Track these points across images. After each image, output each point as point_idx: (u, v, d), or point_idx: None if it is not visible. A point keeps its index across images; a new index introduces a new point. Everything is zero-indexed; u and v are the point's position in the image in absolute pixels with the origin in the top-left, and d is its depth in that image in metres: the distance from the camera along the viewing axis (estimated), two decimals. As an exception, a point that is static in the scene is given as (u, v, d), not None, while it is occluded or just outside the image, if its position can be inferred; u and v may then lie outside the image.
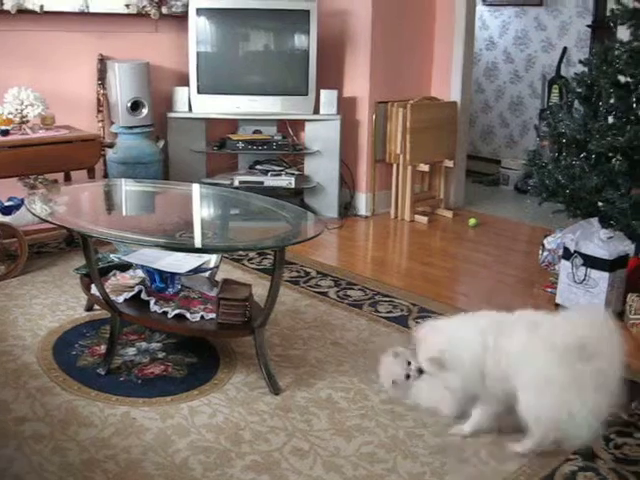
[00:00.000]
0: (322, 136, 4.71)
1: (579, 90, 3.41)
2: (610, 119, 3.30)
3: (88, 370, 2.60)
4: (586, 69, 3.40)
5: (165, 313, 2.60)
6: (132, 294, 2.69)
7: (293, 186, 4.61)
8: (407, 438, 2.24)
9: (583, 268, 3.20)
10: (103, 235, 2.55)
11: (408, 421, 2.33)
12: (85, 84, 4.42)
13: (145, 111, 4.38)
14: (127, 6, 4.41)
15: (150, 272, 2.76)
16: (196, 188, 3.41)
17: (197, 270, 2.80)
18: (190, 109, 4.64)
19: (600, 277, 3.14)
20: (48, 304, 3.19)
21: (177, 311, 2.60)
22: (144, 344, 2.81)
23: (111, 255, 3.09)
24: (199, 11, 4.49)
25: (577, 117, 3.36)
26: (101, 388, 2.47)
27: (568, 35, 5.87)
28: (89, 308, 3.10)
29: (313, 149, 4.76)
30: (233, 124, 4.87)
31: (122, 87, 4.28)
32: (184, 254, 2.82)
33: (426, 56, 5.05)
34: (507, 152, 6.39)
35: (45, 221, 2.73)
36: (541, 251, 3.75)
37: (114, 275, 2.87)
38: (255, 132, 4.83)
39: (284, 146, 4.71)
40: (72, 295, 3.27)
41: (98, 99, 4.45)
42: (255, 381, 2.55)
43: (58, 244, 3.99)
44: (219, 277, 2.93)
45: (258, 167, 4.77)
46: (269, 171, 4.69)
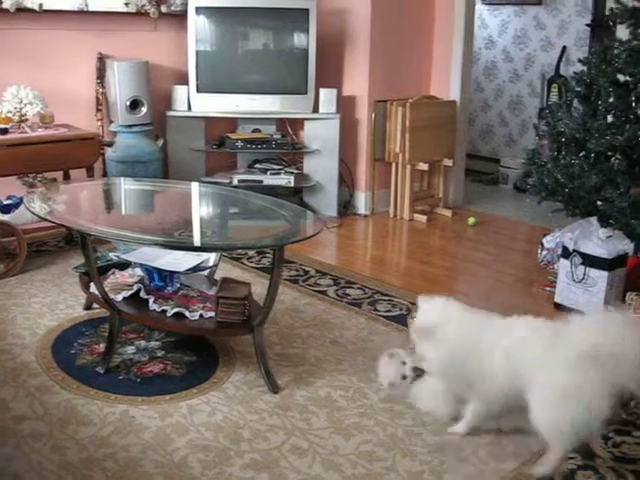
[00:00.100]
0: (321, 135, 4.71)
1: (578, 89, 3.41)
2: (609, 118, 3.30)
3: (87, 369, 2.60)
4: (585, 68, 3.40)
5: (164, 311, 2.60)
6: (131, 293, 2.69)
7: (292, 185, 4.61)
8: (406, 437, 2.24)
9: (582, 267, 3.20)
10: (102, 234, 2.56)
11: (407, 420, 2.33)
12: (84, 83, 4.42)
13: (144, 110, 4.38)
14: (126, 5, 4.41)
15: (149, 271, 2.76)
16: (195, 187, 3.41)
17: (196, 269, 2.80)
18: (189, 108, 4.63)
19: (599, 276, 3.14)
20: (47, 303, 3.19)
21: (176, 310, 2.60)
22: (143, 343, 2.81)
23: (110, 254, 3.08)
24: (198, 10, 4.49)
25: (576, 116, 3.36)
26: (100, 387, 2.47)
27: (567, 34, 5.87)
28: (88, 307, 3.10)
29: (312, 148, 4.75)
30: (232, 123, 4.87)
31: (121, 86, 4.28)
32: (183, 252, 2.82)
33: (425, 55, 5.05)
34: (506, 151, 6.39)
35: (44, 220, 2.73)
36: (540, 250, 3.75)
37: (113, 274, 2.87)
38: (254, 131, 4.83)
39: (283, 145, 4.70)
40: (71, 294, 3.27)
41: (97, 98, 4.45)
42: (254, 380, 2.55)
43: (57, 243, 3.99)
44: (218, 276, 2.93)
45: (257, 166, 4.77)
46: (268, 170, 4.69)
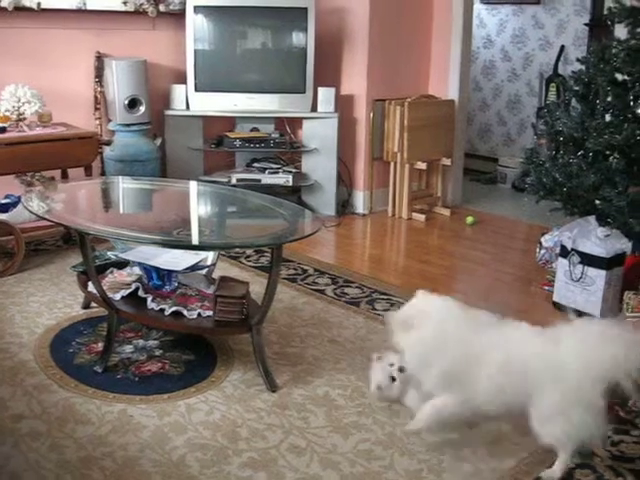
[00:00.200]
0: (320, 134, 4.71)
1: (576, 88, 3.41)
2: (607, 117, 3.30)
3: (85, 368, 2.60)
4: (583, 67, 3.40)
5: (162, 310, 2.60)
6: (129, 291, 2.69)
7: (290, 184, 4.61)
8: (404, 435, 2.24)
9: (580, 266, 3.20)
10: (100, 232, 2.56)
11: (405, 418, 2.33)
12: (82, 81, 4.41)
13: (142, 109, 4.37)
14: (124, 3, 4.41)
15: (147, 269, 2.76)
16: (193, 186, 3.41)
17: (194, 267, 2.80)
18: (187, 107, 4.63)
19: (597, 275, 3.14)
20: (45, 302, 3.18)
21: (174, 308, 2.60)
22: (141, 341, 2.81)
23: (108, 252, 3.08)
24: (196, 9, 4.48)
25: (574, 115, 3.36)
26: (98, 386, 2.47)
27: (566, 33, 5.87)
28: (86, 306, 3.10)
29: (311, 147, 4.75)
30: (230, 122, 4.86)
31: (119, 85, 4.28)
32: (181, 251, 2.82)
33: (424, 54, 5.05)
34: (504, 150, 6.39)
35: (42, 218, 2.73)
36: (538, 249, 3.75)
37: (111, 272, 2.87)
38: (252, 130, 4.82)
39: (281, 144, 4.70)
40: (69, 293, 3.27)
41: (95, 97, 4.45)
42: (252, 378, 2.55)
43: (55, 242, 3.99)
44: (216, 275, 2.93)
45: (255, 165, 4.77)
46: (266, 169, 4.69)
